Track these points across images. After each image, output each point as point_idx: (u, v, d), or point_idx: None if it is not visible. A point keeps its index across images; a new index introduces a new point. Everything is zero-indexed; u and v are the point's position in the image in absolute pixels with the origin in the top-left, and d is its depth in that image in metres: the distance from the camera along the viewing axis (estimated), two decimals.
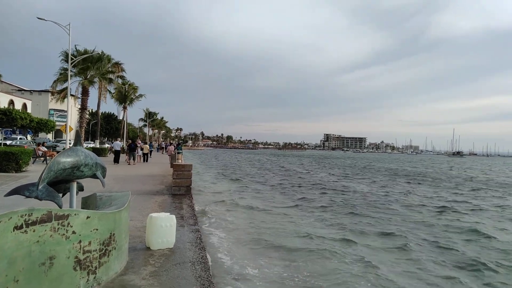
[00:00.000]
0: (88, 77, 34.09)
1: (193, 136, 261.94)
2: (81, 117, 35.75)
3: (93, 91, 37.56)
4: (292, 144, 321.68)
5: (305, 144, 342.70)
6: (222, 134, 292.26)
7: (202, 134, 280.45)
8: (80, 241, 3.71)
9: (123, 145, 35.82)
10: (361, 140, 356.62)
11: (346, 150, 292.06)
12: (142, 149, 29.46)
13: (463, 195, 20.26)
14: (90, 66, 33.23)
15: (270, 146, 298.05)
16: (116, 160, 24.92)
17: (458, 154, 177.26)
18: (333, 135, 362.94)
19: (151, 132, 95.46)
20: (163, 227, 5.61)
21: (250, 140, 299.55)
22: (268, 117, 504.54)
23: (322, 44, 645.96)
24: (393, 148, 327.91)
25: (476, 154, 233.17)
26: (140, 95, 57.57)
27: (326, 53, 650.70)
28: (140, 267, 4.72)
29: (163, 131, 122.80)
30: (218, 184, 22.42)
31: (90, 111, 61.22)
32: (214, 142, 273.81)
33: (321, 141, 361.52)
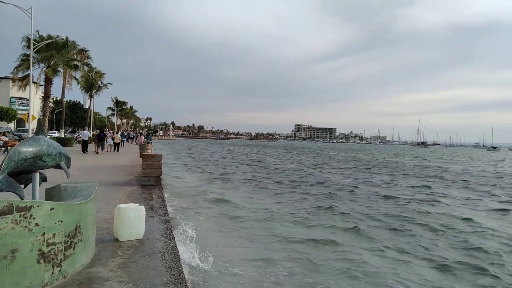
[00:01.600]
0: (51, 64, 32.52)
1: (164, 126, 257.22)
2: (44, 106, 34.21)
3: (58, 79, 35.86)
4: (264, 134, 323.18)
5: (277, 134, 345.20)
6: (193, 124, 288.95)
7: (173, 124, 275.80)
8: (43, 234, 3.59)
9: (91, 135, 34.67)
10: (331, 130, 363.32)
11: (317, 141, 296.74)
12: (113, 138, 28.89)
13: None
14: (54, 53, 31.68)
15: (242, 136, 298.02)
16: (84, 150, 24.26)
17: (423, 144, 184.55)
18: (304, 125, 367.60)
19: (119, 122, 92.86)
20: (132, 218, 5.52)
21: (222, 130, 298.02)
22: (240, 107, 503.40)
23: (293, 35, 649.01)
24: (361, 138, 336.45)
25: (439, 144, 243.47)
26: (108, 83, 55.77)
27: (297, 44, 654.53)
28: (108, 259, 4.64)
29: (132, 121, 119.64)
30: (189, 175, 22.26)
31: (54, 99, 58.67)
32: (185, 132, 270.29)
33: (292, 131, 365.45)
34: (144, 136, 35.69)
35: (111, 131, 30.75)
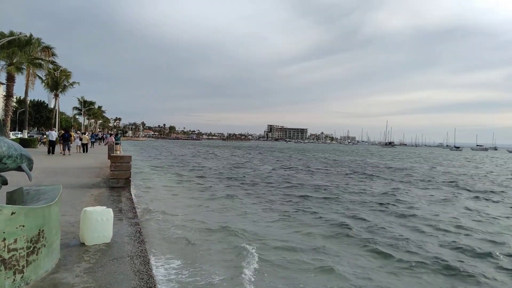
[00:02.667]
0: (14, 62, 31.03)
1: (133, 127, 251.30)
2: (6, 105, 32.59)
3: (20, 77, 34.25)
4: (236, 135, 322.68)
5: (249, 135, 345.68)
6: (164, 125, 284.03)
7: (143, 124, 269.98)
8: (4, 239, 3.44)
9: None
10: (302, 131, 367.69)
11: (289, 141, 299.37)
12: (81, 139, 28.12)
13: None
14: (16, 50, 30.25)
15: (215, 137, 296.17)
16: (51, 151, 23.39)
17: (390, 144, 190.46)
18: (277, 126, 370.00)
19: (86, 122, 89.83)
20: (99, 221, 5.37)
21: (194, 131, 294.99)
22: (212, 107, 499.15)
23: (264, 35, 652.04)
24: (332, 138, 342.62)
25: (406, 144, 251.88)
26: (74, 82, 53.82)
27: (269, 45, 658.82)
28: (74, 264, 4.49)
29: (100, 121, 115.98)
30: (159, 176, 21.90)
31: (17, 98, 56.03)
32: (156, 133, 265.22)
33: (264, 132, 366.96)
34: (113, 136, 34.79)
35: (79, 132, 29.79)
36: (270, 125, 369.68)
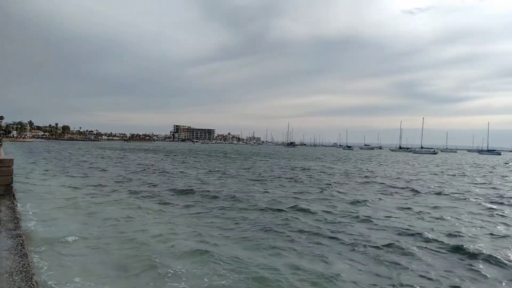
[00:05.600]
0: None
1: (19, 126, 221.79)
2: None
3: None
4: (140, 135, 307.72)
5: (154, 135, 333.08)
6: (56, 124, 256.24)
7: (31, 123, 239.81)
8: None
9: None
10: (210, 131, 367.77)
11: (196, 141, 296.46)
12: None
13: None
14: None
15: (116, 138, 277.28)
16: None
17: (292, 144, 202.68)
18: (183, 126, 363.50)
19: None
20: None
21: (92, 131, 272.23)
22: (114, 106, 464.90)
23: (172, 35, 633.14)
24: (238, 139, 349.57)
25: (305, 144, 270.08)
26: None
27: (178, 45, 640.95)
28: None
29: None
30: (47, 182, 19.75)
31: None
32: (46, 133, 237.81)
33: (171, 132, 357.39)
34: None
35: None
36: (177, 126, 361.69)
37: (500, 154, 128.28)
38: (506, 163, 59.16)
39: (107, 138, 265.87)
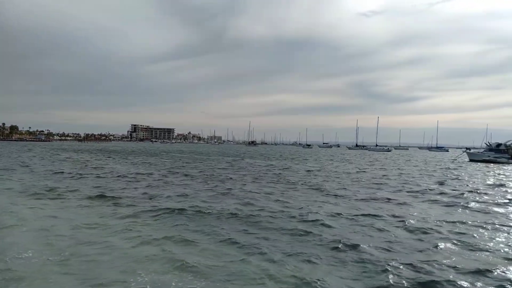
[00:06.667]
0: None
1: None
2: None
3: None
4: (95, 135, 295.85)
5: (111, 135, 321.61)
6: (4, 124, 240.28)
7: None
8: None
9: None
10: (169, 131, 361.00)
11: (155, 141, 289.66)
12: None
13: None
14: None
15: (69, 138, 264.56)
16: None
17: (253, 143, 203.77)
18: (142, 125, 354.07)
19: None
20: None
21: (43, 131, 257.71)
22: (69, 105, 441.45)
23: (128, 30, 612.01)
24: (199, 138, 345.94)
25: (266, 143, 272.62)
26: None
27: (136, 41, 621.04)
28: None
29: None
30: None
31: None
32: None
33: (128, 132, 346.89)
34: None
35: None
36: (135, 125, 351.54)
37: (447, 151, 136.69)
38: (453, 160, 62.97)
39: (59, 138, 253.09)
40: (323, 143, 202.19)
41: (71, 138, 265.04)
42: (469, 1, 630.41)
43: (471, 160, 57.88)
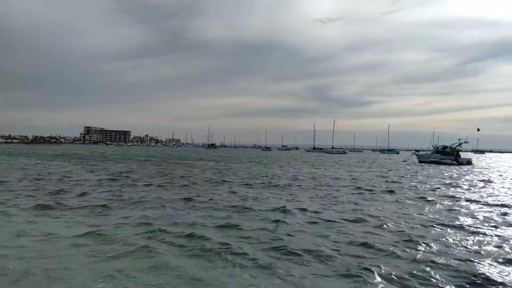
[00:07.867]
0: None
1: None
2: None
3: None
4: (44, 137, 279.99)
5: (62, 137, 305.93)
6: None
7: None
8: None
9: None
10: (125, 133, 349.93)
11: (110, 144, 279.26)
12: None
13: None
14: None
15: (15, 140, 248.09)
16: None
17: (213, 146, 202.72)
18: (95, 128, 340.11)
19: None
20: None
21: None
22: (12, 104, 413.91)
23: (81, 27, 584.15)
24: (157, 141, 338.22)
25: (226, 146, 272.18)
26: None
27: (88, 38, 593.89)
28: None
29: None
30: None
31: None
32: None
33: (81, 134, 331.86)
34: None
35: None
36: (88, 127, 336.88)
37: (398, 153, 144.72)
38: (404, 161, 67.14)
39: (4, 141, 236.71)
40: (282, 146, 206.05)
41: (17, 141, 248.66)
42: (417, 10, 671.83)
43: (420, 162, 62.26)
